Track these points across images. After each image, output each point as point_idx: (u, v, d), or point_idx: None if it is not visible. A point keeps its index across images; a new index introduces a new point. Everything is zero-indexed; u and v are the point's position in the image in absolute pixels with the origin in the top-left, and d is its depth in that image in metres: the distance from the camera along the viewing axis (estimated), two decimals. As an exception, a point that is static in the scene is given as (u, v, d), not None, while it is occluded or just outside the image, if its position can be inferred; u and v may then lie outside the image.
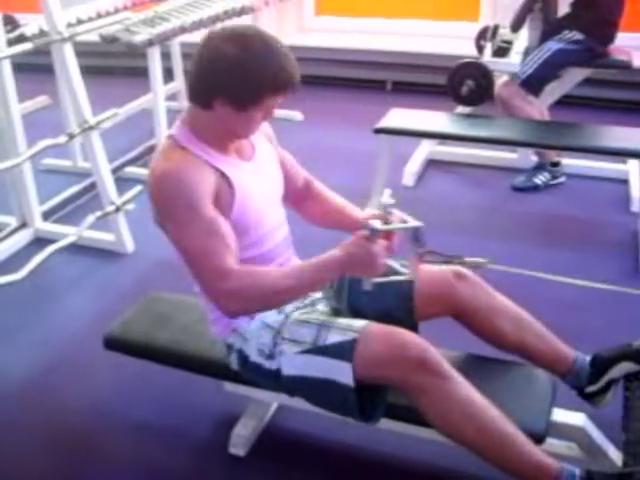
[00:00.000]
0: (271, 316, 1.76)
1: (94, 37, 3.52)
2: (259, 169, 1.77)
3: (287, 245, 1.88)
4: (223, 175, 1.64)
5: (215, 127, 1.65)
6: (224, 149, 1.69)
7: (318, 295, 1.89)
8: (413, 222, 1.65)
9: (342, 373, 1.63)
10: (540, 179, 3.66)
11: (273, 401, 2.12)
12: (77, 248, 3.04)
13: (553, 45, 3.52)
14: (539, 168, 3.70)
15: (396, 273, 1.73)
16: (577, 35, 3.49)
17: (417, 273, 1.71)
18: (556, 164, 3.68)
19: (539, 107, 3.64)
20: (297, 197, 1.97)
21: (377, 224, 1.59)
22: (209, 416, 2.23)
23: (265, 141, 1.84)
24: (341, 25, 5.62)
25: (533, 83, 3.54)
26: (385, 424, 1.80)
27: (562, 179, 3.71)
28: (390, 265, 1.70)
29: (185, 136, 1.66)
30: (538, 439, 1.64)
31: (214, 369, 1.97)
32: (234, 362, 1.84)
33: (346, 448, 2.09)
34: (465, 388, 1.61)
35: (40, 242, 3.21)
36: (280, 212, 1.86)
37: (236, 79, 1.54)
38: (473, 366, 1.80)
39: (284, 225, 1.87)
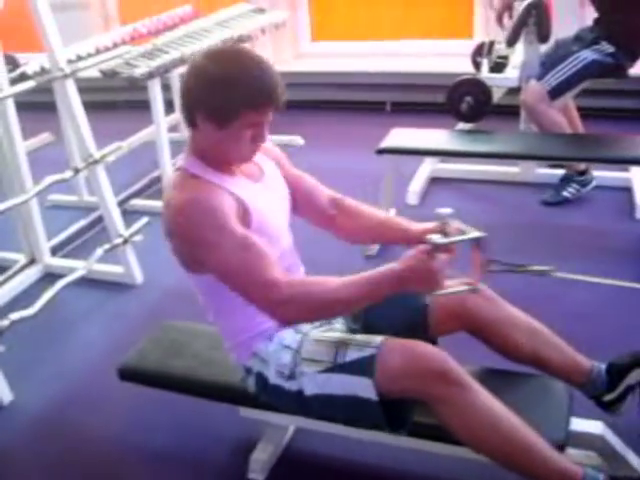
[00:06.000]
0: (289, 337, 1.77)
1: (94, 73, 3.57)
2: (269, 190, 1.78)
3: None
4: (238, 198, 1.65)
5: (210, 148, 1.65)
6: (231, 172, 1.70)
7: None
8: (474, 232, 1.62)
9: (364, 389, 1.63)
10: (569, 192, 3.60)
11: (290, 424, 2.12)
12: (87, 282, 3.05)
13: (589, 55, 3.44)
14: (566, 180, 3.63)
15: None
16: (610, 48, 3.42)
17: (478, 283, 1.69)
18: (583, 172, 3.59)
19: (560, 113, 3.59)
20: (326, 217, 1.92)
21: (437, 238, 1.55)
22: (227, 442, 2.23)
23: (272, 164, 1.85)
24: (337, 49, 5.66)
25: (562, 90, 3.49)
26: (405, 442, 1.80)
27: (593, 184, 3.62)
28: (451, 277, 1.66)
29: (193, 165, 1.67)
30: (558, 448, 1.63)
31: (230, 395, 1.97)
32: (253, 386, 1.84)
33: (367, 468, 2.08)
34: (486, 397, 1.61)
35: (50, 277, 3.21)
36: (289, 234, 1.87)
37: (212, 92, 1.55)
38: (490, 379, 1.79)
39: (292, 245, 1.88)
